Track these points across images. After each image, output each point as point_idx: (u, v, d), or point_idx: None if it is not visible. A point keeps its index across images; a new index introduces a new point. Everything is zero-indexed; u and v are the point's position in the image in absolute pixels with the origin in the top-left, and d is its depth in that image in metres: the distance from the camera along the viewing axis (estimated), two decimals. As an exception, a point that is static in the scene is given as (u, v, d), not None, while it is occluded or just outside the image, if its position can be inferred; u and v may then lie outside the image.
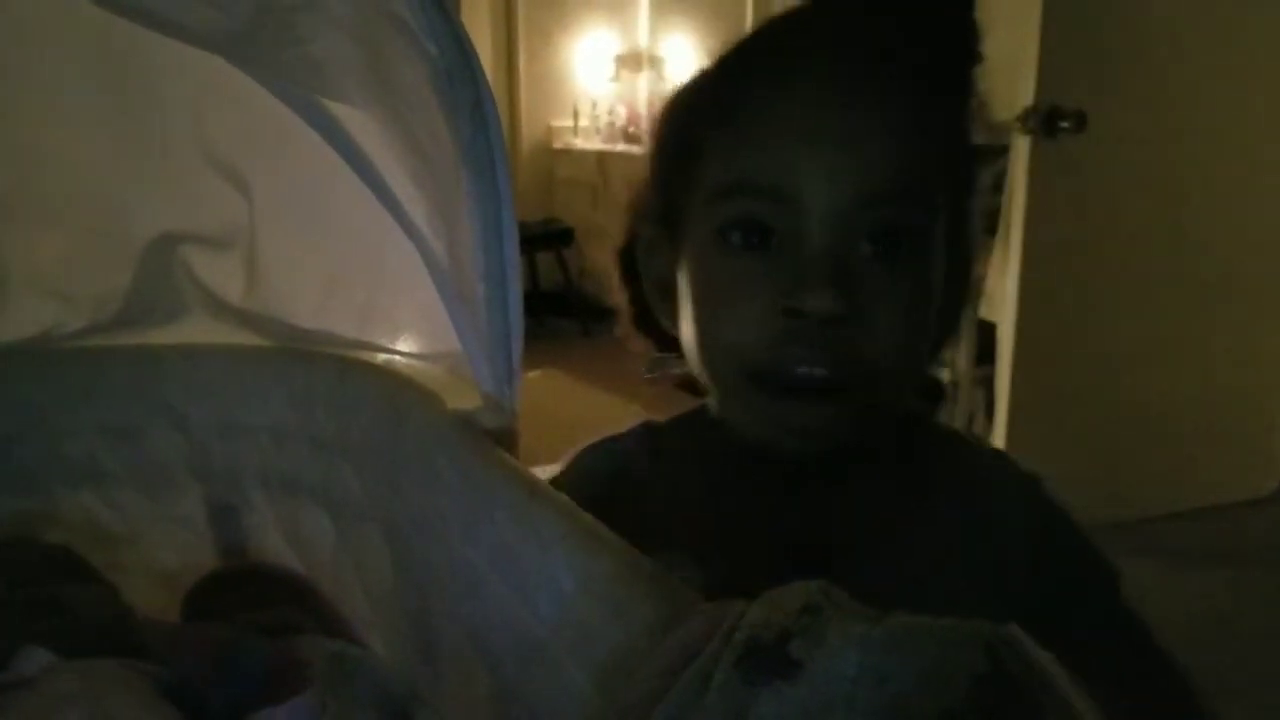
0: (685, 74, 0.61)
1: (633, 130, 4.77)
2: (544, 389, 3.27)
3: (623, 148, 4.61)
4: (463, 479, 0.89)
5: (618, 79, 4.99)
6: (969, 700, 0.44)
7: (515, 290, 0.89)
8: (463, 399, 0.96)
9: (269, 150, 1.05)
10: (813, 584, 0.51)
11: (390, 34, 0.82)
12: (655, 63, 5.07)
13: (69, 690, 0.77)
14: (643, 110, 4.91)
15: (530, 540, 0.76)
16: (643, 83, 5.06)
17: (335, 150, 0.84)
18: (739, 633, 0.49)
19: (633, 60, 5.05)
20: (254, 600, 1.04)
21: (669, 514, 0.55)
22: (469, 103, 0.81)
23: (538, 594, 0.72)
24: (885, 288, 0.48)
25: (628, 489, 0.58)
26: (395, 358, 1.15)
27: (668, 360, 0.58)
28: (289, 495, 1.16)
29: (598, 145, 4.71)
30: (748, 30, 0.54)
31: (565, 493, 0.56)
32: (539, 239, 4.24)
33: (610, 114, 4.82)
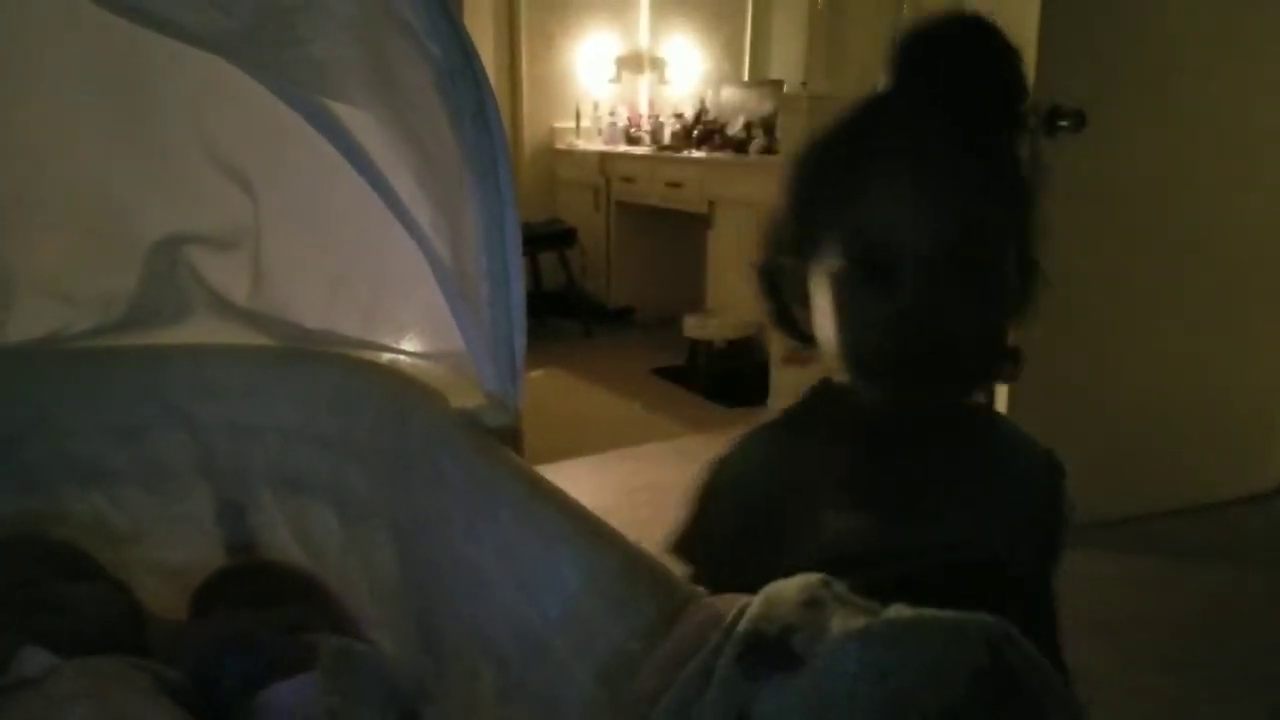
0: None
1: (634, 131, 4.76)
2: (546, 388, 3.27)
3: (624, 149, 4.60)
4: (466, 477, 0.90)
5: (619, 80, 4.99)
6: (969, 695, 0.45)
7: (518, 290, 0.89)
8: (466, 398, 0.97)
9: (272, 151, 1.05)
10: (814, 578, 0.52)
11: (393, 35, 0.82)
12: (656, 64, 5.06)
13: (73, 690, 0.77)
14: (644, 111, 4.90)
15: (533, 538, 0.77)
16: (644, 84, 5.06)
17: (338, 151, 0.83)
18: (741, 627, 0.50)
19: (634, 62, 5.04)
20: (261, 597, 1.04)
21: (822, 458, 0.70)
22: (472, 106, 0.81)
23: (541, 591, 0.73)
24: (961, 298, 0.63)
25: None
26: (399, 357, 1.15)
27: (802, 349, 0.72)
28: (295, 493, 1.16)
29: (599, 146, 4.69)
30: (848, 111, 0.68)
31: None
32: (542, 239, 4.23)
33: (612, 115, 4.81)
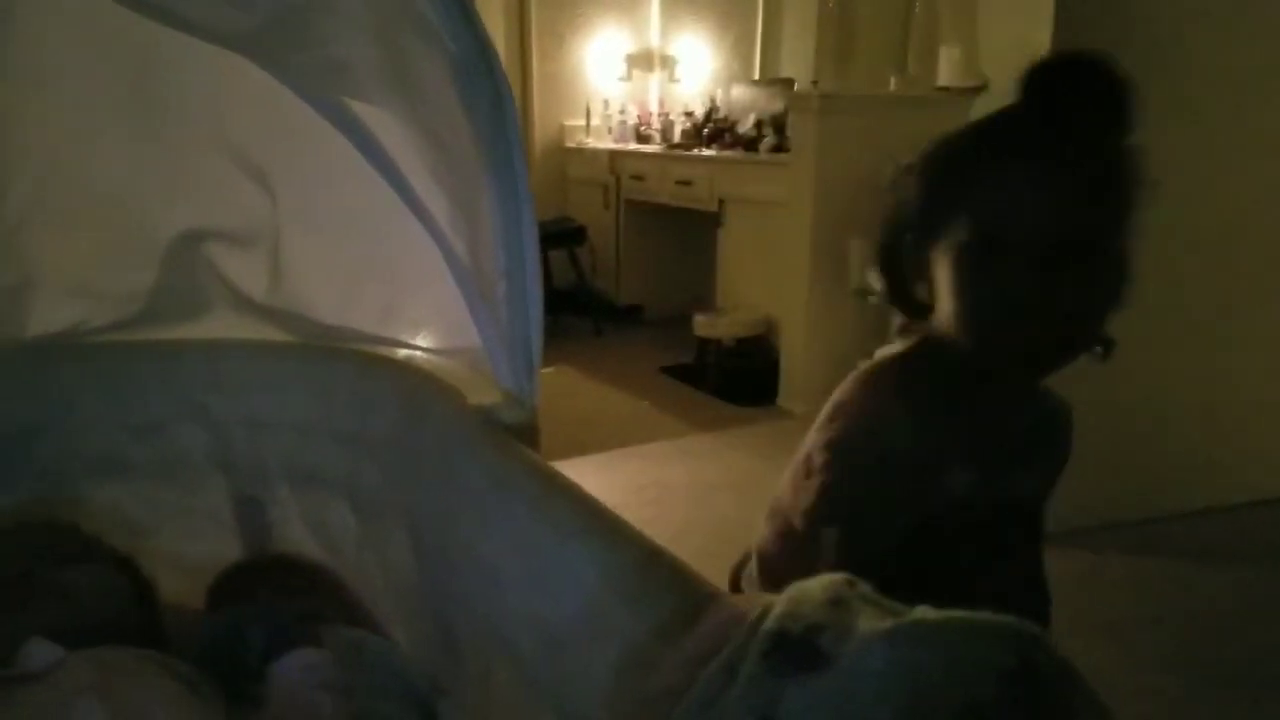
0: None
1: (644, 129, 4.75)
2: (557, 385, 3.28)
3: (634, 147, 4.59)
4: (482, 473, 0.90)
5: (629, 78, 4.99)
6: (997, 696, 0.44)
7: (535, 288, 0.89)
8: (483, 394, 0.97)
9: (291, 148, 1.05)
10: (838, 577, 0.52)
11: (410, 31, 0.81)
12: (666, 62, 5.06)
13: (81, 682, 0.77)
14: (654, 109, 4.90)
15: (550, 534, 0.77)
16: (654, 82, 5.05)
17: (357, 148, 0.83)
18: (767, 625, 0.50)
19: (644, 60, 5.04)
20: (278, 590, 1.04)
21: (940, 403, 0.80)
22: (488, 98, 0.81)
23: (557, 586, 0.73)
24: (1072, 281, 0.71)
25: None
26: (416, 353, 1.15)
27: (916, 323, 0.80)
28: (312, 488, 1.16)
29: (609, 144, 4.69)
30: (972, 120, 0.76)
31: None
32: (552, 237, 4.24)
33: (622, 113, 4.80)
